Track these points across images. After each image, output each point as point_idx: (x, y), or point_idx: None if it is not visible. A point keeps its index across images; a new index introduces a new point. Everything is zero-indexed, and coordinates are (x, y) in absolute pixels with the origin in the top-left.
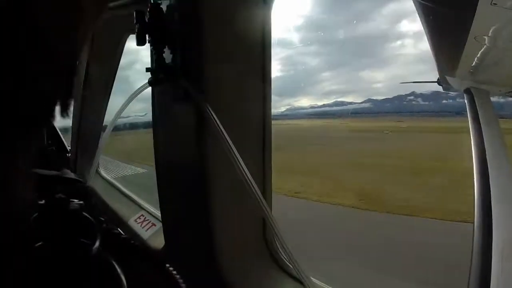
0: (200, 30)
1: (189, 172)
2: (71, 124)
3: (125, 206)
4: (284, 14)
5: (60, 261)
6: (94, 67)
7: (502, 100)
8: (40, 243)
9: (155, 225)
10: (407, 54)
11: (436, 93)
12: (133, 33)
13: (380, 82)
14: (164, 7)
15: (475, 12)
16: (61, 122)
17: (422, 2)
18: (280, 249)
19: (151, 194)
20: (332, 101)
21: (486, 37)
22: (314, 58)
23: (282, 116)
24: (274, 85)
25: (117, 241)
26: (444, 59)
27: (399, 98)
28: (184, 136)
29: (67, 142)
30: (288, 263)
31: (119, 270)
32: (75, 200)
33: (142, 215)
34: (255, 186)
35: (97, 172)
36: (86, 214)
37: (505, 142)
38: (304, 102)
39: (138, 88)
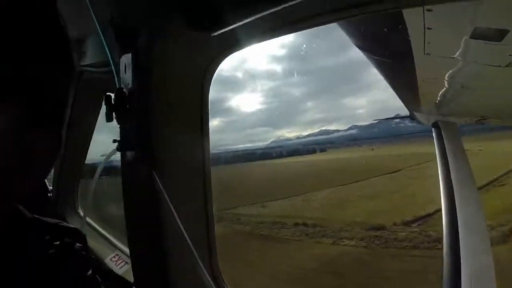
0: (149, 109)
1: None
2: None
3: (101, 246)
4: (266, 46)
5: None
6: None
7: None
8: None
9: (128, 263)
10: None
11: None
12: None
13: (362, 107)
14: (126, 91)
15: (414, 61)
16: None
17: (372, 56)
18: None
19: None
20: (317, 130)
21: (432, 79)
22: (297, 88)
23: (268, 151)
24: (259, 117)
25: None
26: (406, 99)
27: (385, 122)
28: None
29: (48, 183)
30: None
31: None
32: (78, 244)
33: (117, 254)
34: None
35: (76, 212)
36: (83, 253)
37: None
38: (290, 133)
39: (110, 153)
